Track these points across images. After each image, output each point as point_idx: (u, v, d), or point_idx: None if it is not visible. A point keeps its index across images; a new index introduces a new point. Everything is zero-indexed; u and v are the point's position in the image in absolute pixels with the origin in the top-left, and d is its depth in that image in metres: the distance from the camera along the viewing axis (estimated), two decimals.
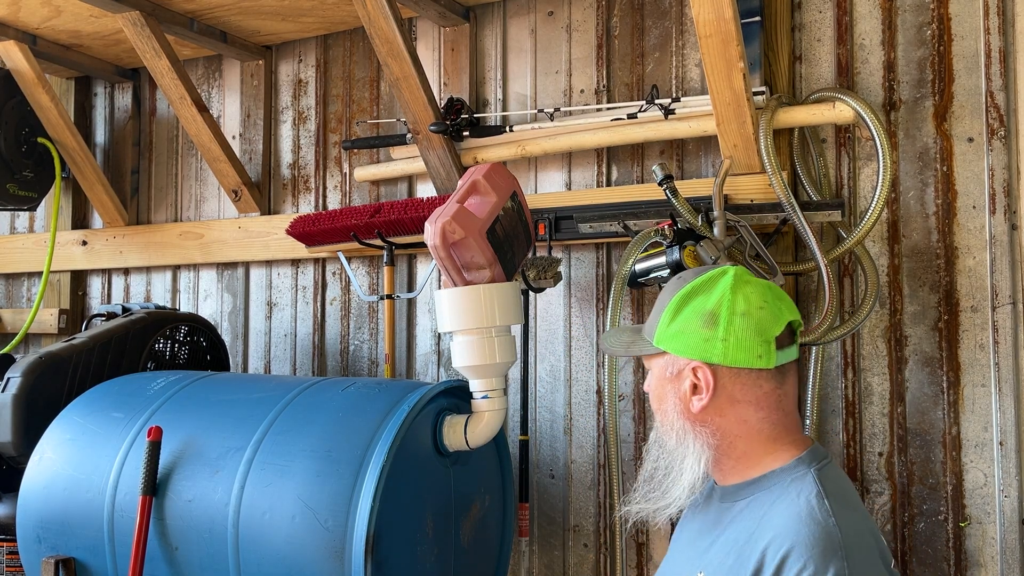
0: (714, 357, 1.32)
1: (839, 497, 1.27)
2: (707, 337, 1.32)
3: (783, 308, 1.35)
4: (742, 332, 1.31)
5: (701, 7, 1.94)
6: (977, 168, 2.09)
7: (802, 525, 1.21)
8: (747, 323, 1.31)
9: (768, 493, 1.31)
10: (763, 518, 1.28)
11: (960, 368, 2.09)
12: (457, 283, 1.89)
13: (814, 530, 1.20)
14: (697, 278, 1.38)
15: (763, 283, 1.38)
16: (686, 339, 1.34)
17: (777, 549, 1.20)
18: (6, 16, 2.89)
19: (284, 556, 1.77)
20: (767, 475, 1.33)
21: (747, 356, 1.31)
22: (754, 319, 1.32)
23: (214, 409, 2.06)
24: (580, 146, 2.44)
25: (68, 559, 2.04)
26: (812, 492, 1.26)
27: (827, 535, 1.19)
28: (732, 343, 1.31)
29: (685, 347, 1.34)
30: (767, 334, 1.32)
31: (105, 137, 3.53)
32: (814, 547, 1.18)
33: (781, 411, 1.35)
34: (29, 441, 2.26)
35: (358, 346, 2.92)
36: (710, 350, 1.32)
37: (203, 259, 3.16)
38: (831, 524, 1.21)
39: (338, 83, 3.01)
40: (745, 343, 1.31)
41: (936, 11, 2.15)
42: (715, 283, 1.36)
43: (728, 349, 1.31)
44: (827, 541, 1.19)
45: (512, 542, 2.23)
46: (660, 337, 1.38)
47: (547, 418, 2.57)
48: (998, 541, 2.03)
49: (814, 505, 1.24)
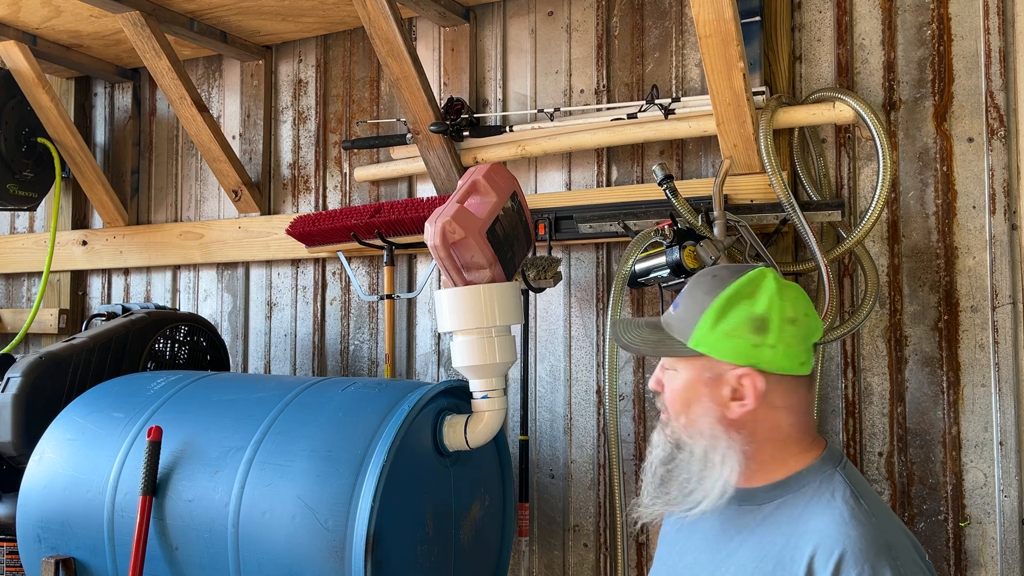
0: (763, 364, 1.29)
1: (869, 496, 1.27)
2: (756, 343, 1.29)
3: (815, 314, 1.35)
4: (792, 339, 1.29)
5: (701, 7, 1.94)
6: (977, 168, 2.09)
7: (849, 528, 1.21)
8: (796, 330, 1.30)
9: (798, 496, 1.30)
10: (799, 521, 1.26)
11: (960, 368, 2.09)
12: (457, 283, 1.89)
13: (862, 532, 1.20)
14: (737, 279, 1.33)
15: (797, 286, 1.36)
16: (733, 344, 1.30)
17: (828, 555, 1.19)
18: (6, 16, 2.89)
19: (284, 556, 1.77)
20: (794, 476, 1.32)
21: (792, 363, 1.30)
22: (802, 326, 1.31)
23: (214, 409, 2.06)
24: (580, 146, 2.44)
25: (68, 559, 2.04)
26: (847, 493, 1.26)
27: (875, 536, 1.19)
28: (781, 350, 1.29)
29: (732, 352, 1.30)
30: (810, 341, 1.32)
31: (105, 137, 3.53)
32: (868, 550, 1.18)
33: (808, 415, 1.35)
34: (29, 441, 2.26)
35: (358, 346, 2.92)
36: (759, 356, 1.29)
37: (203, 259, 3.16)
38: (875, 524, 1.21)
39: (338, 83, 3.01)
40: (793, 350, 1.30)
41: (936, 11, 2.15)
42: (759, 286, 1.32)
43: (776, 356, 1.29)
44: (876, 543, 1.19)
45: (512, 542, 2.23)
46: (700, 340, 1.32)
47: (547, 418, 2.57)
48: (998, 541, 2.03)
49: (853, 506, 1.23)
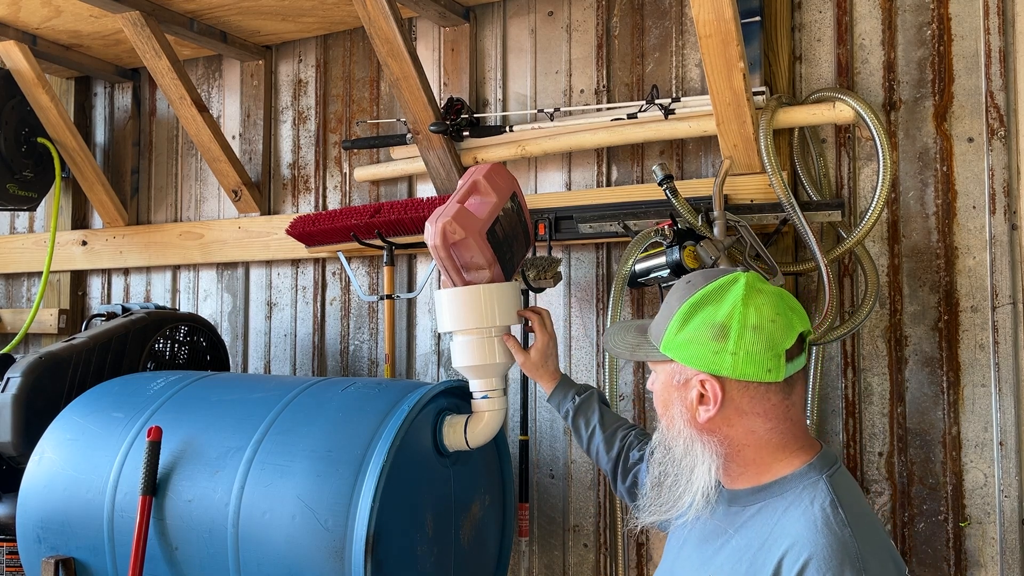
0: (723, 370, 1.29)
1: (852, 506, 1.26)
2: (716, 350, 1.29)
3: (794, 319, 1.32)
4: (752, 346, 1.29)
5: (701, 7, 1.94)
6: (977, 168, 2.09)
7: (819, 535, 1.20)
8: (758, 337, 1.29)
9: (780, 500, 1.30)
10: (776, 525, 1.27)
11: (960, 368, 2.09)
12: (457, 283, 1.89)
13: (831, 540, 1.19)
14: (707, 285, 1.34)
15: (775, 291, 1.34)
16: (694, 349, 1.31)
17: (795, 559, 1.19)
18: (6, 16, 2.89)
19: (284, 556, 1.77)
20: (778, 481, 1.32)
21: (756, 370, 1.29)
22: (765, 333, 1.29)
23: (214, 409, 2.06)
24: (580, 146, 2.44)
25: (68, 559, 2.04)
26: (826, 500, 1.25)
27: (844, 547, 1.19)
28: (742, 357, 1.29)
29: (693, 357, 1.31)
30: (778, 348, 1.29)
31: (105, 137, 3.53)
32: (832, 559, 1.17)
33: (789, 421, 1.33)
34: (29, 441, 2.26)
35: (358, 346, 2.92)
36: (719, 363, 1.29)
37: (203, 259, 3.16)
38: (847, 535, 1.20)
39: (338, 83, 3.01)
40: (755, 357, 1.29)
41: (936, 11, 2.15)
42: (726, 292, 1.32)
43: (737, 363, 1.29)
44: (844, 553, 1.18)
45: (512, 542, 2.23)
46: (668, 344, 1.35)
47: (547, 418, 2.57)
48: (998, 541, 2.03)
49: (829, 514, 1.23)
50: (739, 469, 1.34)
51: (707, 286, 1.34)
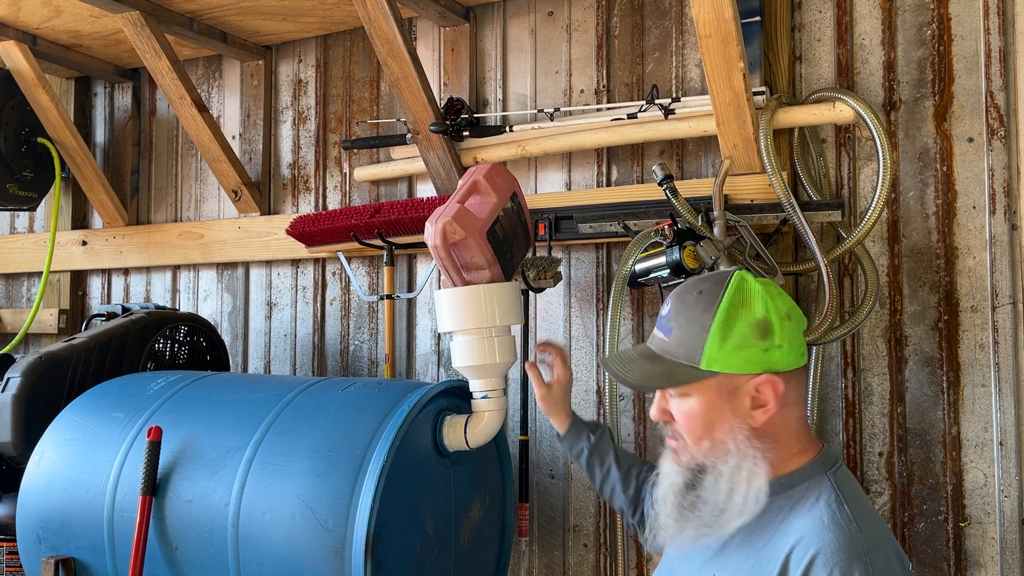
0: (777, 365, 1.29)
1: (856, 503, 1.28)
2: (766, 347, 1.28)
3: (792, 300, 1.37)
4: (792, 334, 1.30)
5: (701, 7, 1.94)
6: (977, 168, 2.09)
7: (826, 530, 1.22)
8: (793, 324, 1.31)
9: (786, 498, 1.30)
10: (783, 523, 1.28)
11: (960, 368, 2.09)
12: (457, 283, 1.89)
13: (838, 535, 1.21)
14: (725, 289, 1.32)
15: (769, 282, 1.36)
16: (746, 354, 1.28)
17: (803, 554, 1.21)
18: (6, 16, 2.89)
19: (284, 556, 1.77)
20: (785, 476, 1.32)
21: (797, 357, 1.31)
22: (796, 318, 1.31)
23: (214, 409, 2.06)
24: (580, 146, 2.44)
25: (68, 559, 2.04)
26: (831, 497, 1.27)
27: (851, 541, 1.20)
28: (787, 348, 1.29)
29: (746, 363, 1.28)
30: (803, 329, 1.33)
31: (105, 137, 3.53)
32: (839, 553, 1.19)
33: (804, 405, 1.37)
34: (29, 441, 2.26)
35: (358, 346, 2.92)
36: (771, 359, 1.28)
37: (203, 259, 3.16)
38: (854, 529, 1.22)
39: (338, 83, 3.01)
40: (795, 345, 1.30)
41: (936, 11, 2.15)
42: (748, 291, 1.31)
43: (785, 355, 1.29)
44: (851, 547, 1.20)
45: (512, 542, 2.23)
46: (713, 359, 1.29)
47: (547, 418, 2.56)
48: (998, 541, 2.03)
49: (835, 510, 1.24)
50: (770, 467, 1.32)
51: (726, 290, 1.32)
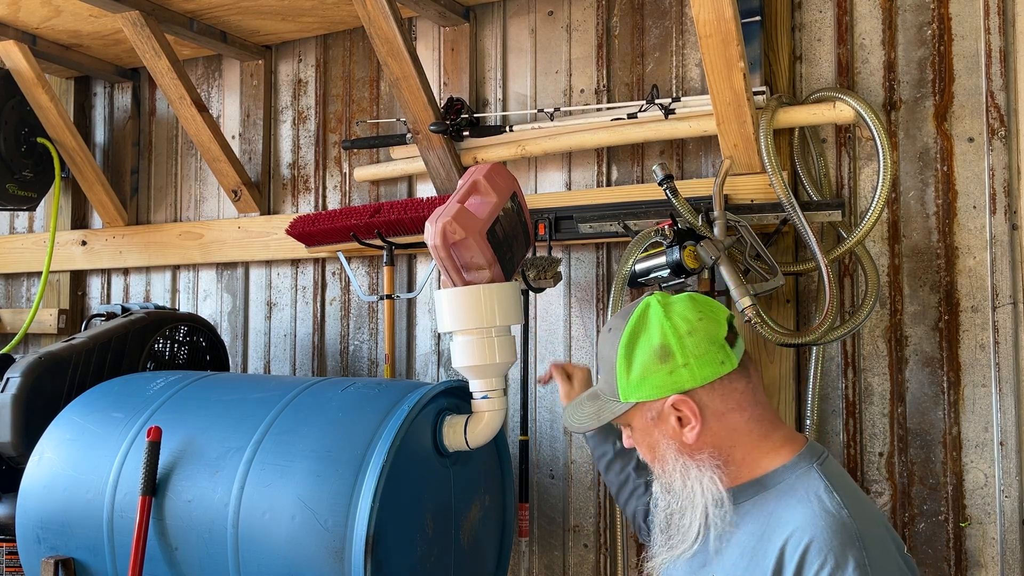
0: (686, 384, 1.33)
1: (846, 489, 1.30)
2: (670, 370, 1.33)
3: (716, 311, 1.38)
4: (697, 349, 1.33)
5: (701, 7, 1.94)
6: (977, 168, 2.09)
7: (817, 519, 1.24)
8: (697, 339, 1.33)
9: (774, 492, 1.32)
10: (772, 516, 1.29)
11: (960, 368, 2.09)
12: (457, 283, 1.89)
13: (830, 523, 1.22)
14: (626, 321, 1.38)
15: (685, 296, 1.40)
16: (652, 381, 1.34)
17: (796, 545, 1.22)
18: (6, 16, 2.89)
19: (284, 556, 1.77)
20: (770, 474, 1.34)
21: (711, 369, 1.33)
22: (701, 331, 1.34)
23: (214, 409, 2.06)
24: (580, 146, 2.44)
25: (68, 559, 2.04)
26: (820, 487, 1.28)
27: (843, 527, 1.22)
28: (694, 363, 1.33)
29: (654, 389, 1.34)
30: (718, 338, 1.34)
31: (105, 137, 3.53)
32: (832, 539, 1.20)
33: (759, 404, 1.37)
34: (29, 441, 2.26)
35: (358, 346, 2.92)
36: (678, 380, 1.33)
37: (203, 259, 3.16)
38: (844, 515, 1.23)
39: (338, 83, 3.01)
40: (705, 357, 1.33)
41: (936, 11, 2.15)
42: (646, 318, 1.37)
43: (693, 371, 1.33)
44: (843, 533, 1.21)
45: (512, 542, 2.23)
46: (626, 391, 1.37)
47: (547, 418, 2.57)
48: (998, 541, 2.03)
49: (825, 499, 1.26)
50: (733, 470, 1.36)
51: (628, 323, 1.38)
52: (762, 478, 1.34)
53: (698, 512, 1.33)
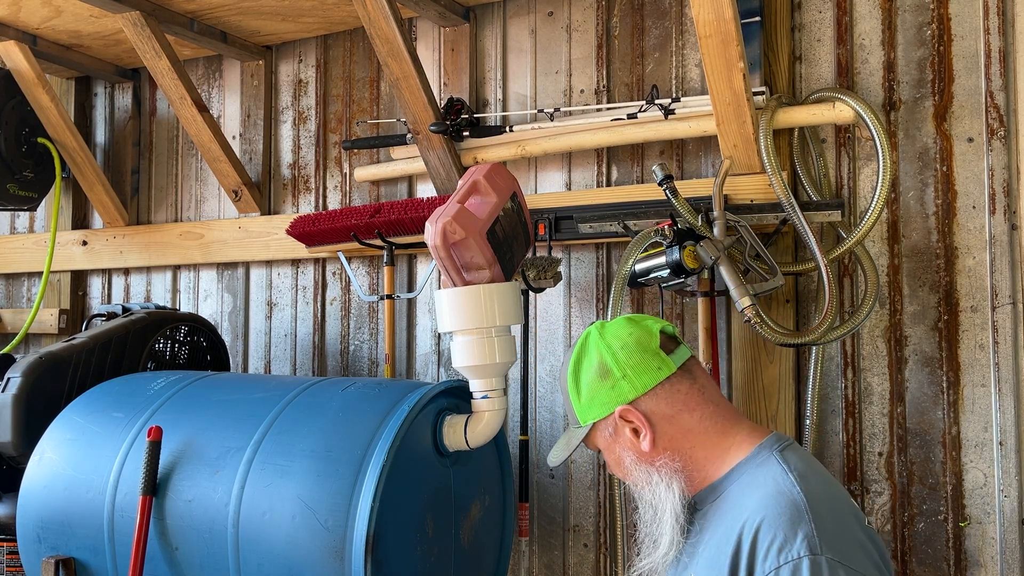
0: (628, 395, 1.41)
1: (803, 470, 1.33)
2: (611, 385, 1.42)
3: (647, 323, 1.47)
4: (631, 359, 1.42)
5: (701, 7, 1.94)
6: (977, 168, 2.09)
7: (769, 500, 1.27)
8: (629, 352, 1.43)
9: (737, 485, 1.36)
10: (735, 507, 1.33)
11: (960, 368, 2.09)
12: (457, 283, 1.89)
13: (780, 501, 1.26)
14: (572, 353, 1.50)
15: (621, 318, 1.51)
16: (598, 399, 1.44)
17: (750, 527, 1.26)
18: (6, 16, 2.89)
19: (284, 556, 1.77)
20: (732, 470, 1.38)
21: (650, 375, 1.41)
22: (632, 344, 1.43)
23: (214, 409, 2.06)
24: (580, 146, 2.44)
25: (68, 559, 2.04)
26: (778, 471, 1.32)
27: (792, 504, 1.25)
28: (631, 374, 1.42)
29: (602, 406, 1.43)
30: (650, 347, 1.43)
31: (105, 137, 3.53)
32: (780, 516, 1.24)
33: (711, 403, 1.43)
34: (29, 441, 2.26)
35: (358, 346, 2.92)
36: (620, 393, 1.42)
37: (203, 259, 3.16)
38: (795, 493, 1.27)
39: (338, 83, 3.01)
40: (640, 366, 1.42)
41: (936, 11, 2.15)
42: (586, 344, 1.48)
43: (632, 381, 1.41)
44: (793, 509, 1.24)
45: (512, 542, 2.23)
46: (583, 415, 1.47)
47: (547, 418, 2.57)
48: (998, 541, 2.03)
49: (780, 480, 1.30)
50: (699, 473, 1.42)
51: (572, 354, 1.50)
52: (727, 475, 1.38)
53: (667, 515, 1.38)
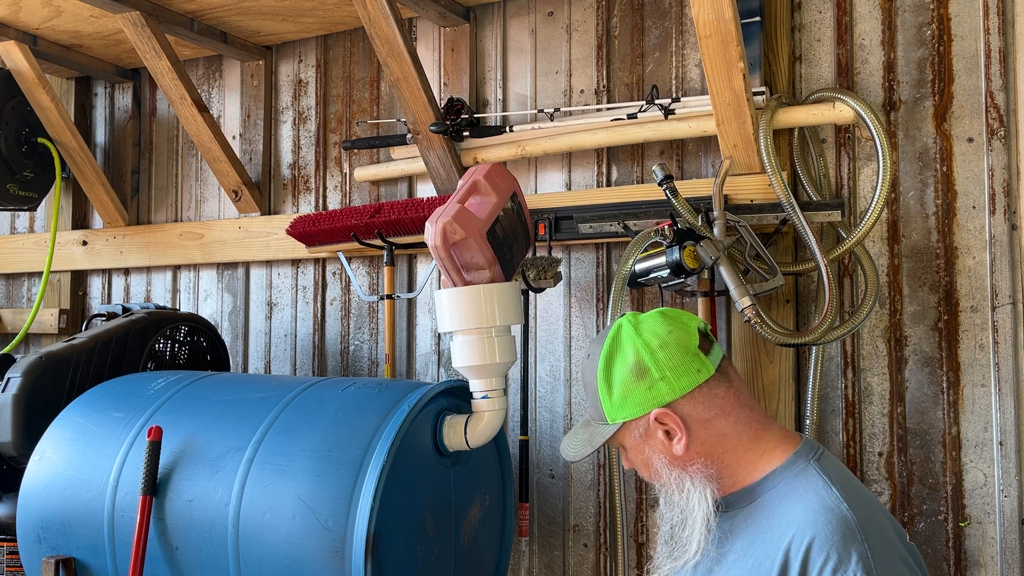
0: (666, 397, 1.35)
1: (844, 483, 1.30)
2: (648, 385, 1.36)
3: (685, 320, 1.41)
4: (671, 361, 1.36)
5: (701, 7, 1.94)
6: (977, 168, 2.09)
7: (818, 516, 1.24)
8: (669, 352, 1.36)
9: (773, 493, 1.33)
10: (773, 517, 1.29)
11: (960, 368, 2.09)
12: (457, 283, 1.89)
13: (830, 519, 1.23)
14: (602, 346, 1.42)
15: (655, 312, 1.43)
16: (633, 399, 1.37)
17: (800, 544, 1.23)
18: (6, 16, 2.89)
19: (284, 556, 1.78)
20: (767, 476, 1.34)
21: (688, 379, 1.35)
22: (672, 344, 1.36)
23: (214, 409, 2.06)
24: (580, 146, 2.44)
25: (68, 559, 2.05)
26: (819, 483, 1.29)
27: (843, 522, 1.22)
28: (670, 376, 1.35)
29: (637, 406, 1.37)
30: (690, 348, 1.37)
31: (105, 137, 3.54)
32: (833, 535, 1.21)
33: (745, 407, 1.38)
34: (29, 441, 2.26)
35: (358, 346, 2.92)
36: (658, 394, 1.35)
37: (203, 259, 3.16)
38: (844, 509, 1.24)
39: (338, 83, 3.01)
40: (680, 368, 1.36)
41: (936, 11, 2.15)
42: (620, 338, 1.40)
43: (671, 383, 1.35)
44: (844, 528, 1.22)
45: (512, 542, 2.23)
46: (612, 413, 1.40)
47: (547, 418, 2.57)
48: (998, 541, 2.03)
49: (824, 495, 1.27)
50: (729, 478, 1.38)
51: (603, 346, 1.41)
52: (760, 481, 1.35)
53: (698, 522, 1.34)
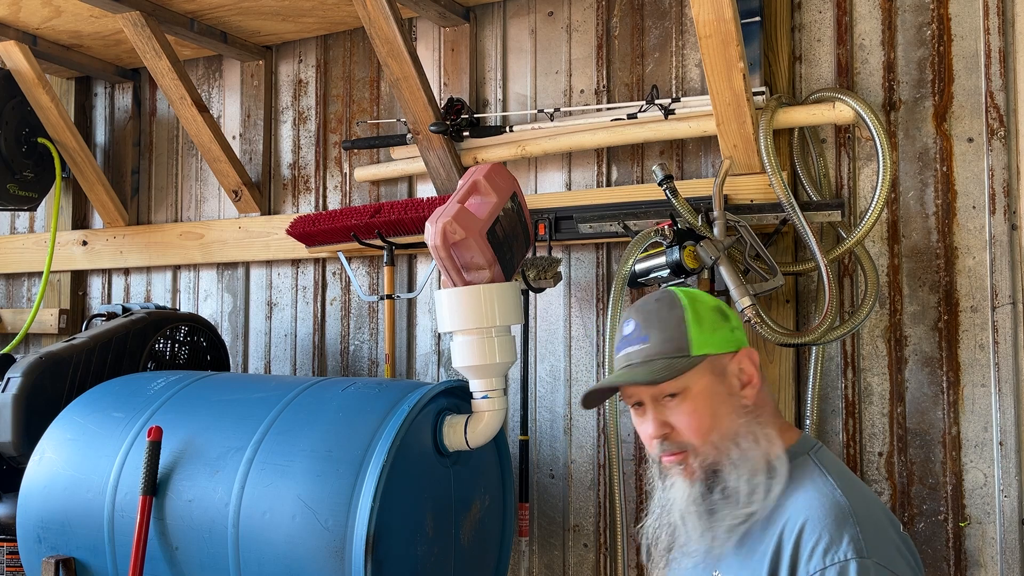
0: (743, 342, 1.43)
1: (839, 473, 1.33)
2: (731, 328, 1.42)
3: None
4: (737, 318, 1.45)
5: (701, 7, 1.94)
6: (977, 168, 2.09)
7: (812, 500, 1.27)
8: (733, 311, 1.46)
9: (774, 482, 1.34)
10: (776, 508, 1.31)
11: (960, 368, 2.09)
12: (457, 283, 1.89)
13: (823, 502, 1.26)
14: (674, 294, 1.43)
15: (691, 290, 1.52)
16: (720, 335, 1.39)
17: (793, 527, 1.26)
18: (6, 16, 2.89)
19: (284, 556, 1.78)
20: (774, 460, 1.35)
21: (746, 336, 1.45)
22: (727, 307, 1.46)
23: (214, 409, 2.06)
24: (580, 146, 2.44)
25: (68, 559, 2.05)
26: (815, 472, 1.33)
27: (837, 506, 1.25)
28: (740, 329, 1.44)
29: (724, 342, 1.39)
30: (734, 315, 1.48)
31: (105, 137, 3.53)
32: (826, 517, 1.24)
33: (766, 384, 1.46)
34: (29, 441, 2.26)
35: (358, 346, 2.92)
36: (738, 338, 1.42)
37: (203, 259, 3.16)
38: (838, 496, 1.27)
39: (338, 83, 3.01)
40: (741, 326, 1.45)
41: (936, 11, 2.15)
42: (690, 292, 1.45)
43: (742, 335, 1.43)
44: (838, 511, 1.24)
45: (512, 542, 2.23)
46: (700, 343, 1.36)
47: (547, 418, 2.57)
48: (998, 541, 2.03)
49: (819, 482, 1.30)
50: None
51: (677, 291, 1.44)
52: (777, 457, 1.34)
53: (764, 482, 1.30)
